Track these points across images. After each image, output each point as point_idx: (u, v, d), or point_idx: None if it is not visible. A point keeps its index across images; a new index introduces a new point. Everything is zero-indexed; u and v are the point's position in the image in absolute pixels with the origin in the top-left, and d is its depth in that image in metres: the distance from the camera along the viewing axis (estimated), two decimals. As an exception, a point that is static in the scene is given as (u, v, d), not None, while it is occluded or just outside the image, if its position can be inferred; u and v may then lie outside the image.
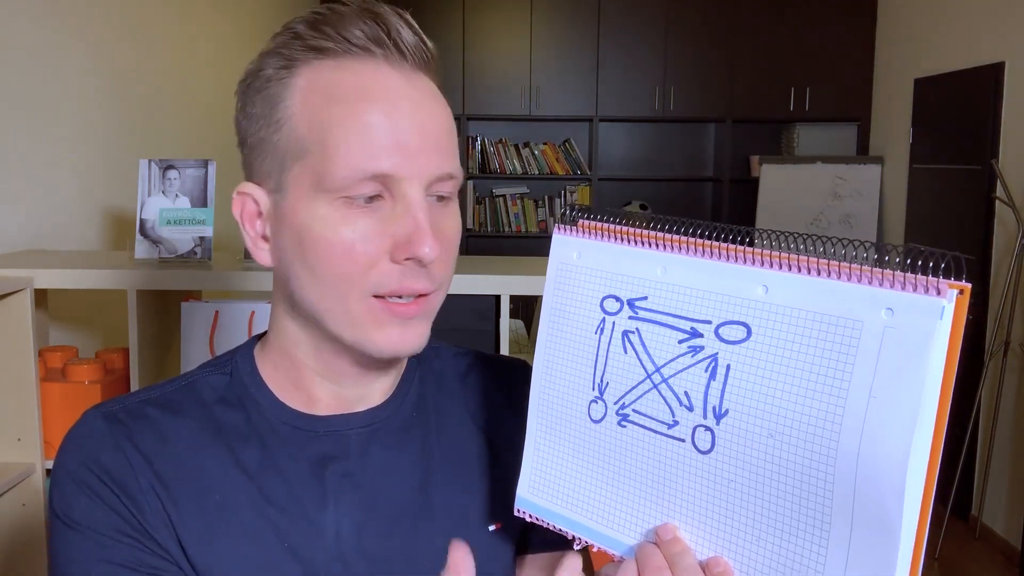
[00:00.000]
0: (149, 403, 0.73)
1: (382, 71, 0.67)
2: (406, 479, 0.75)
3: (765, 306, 0.55)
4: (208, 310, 1.73)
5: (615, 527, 0.63)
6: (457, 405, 0.81)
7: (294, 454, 0.72)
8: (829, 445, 0.52)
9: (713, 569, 0.58)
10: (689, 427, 0.58)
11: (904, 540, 0.50)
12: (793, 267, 0.55)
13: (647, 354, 0.60)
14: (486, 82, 5.07)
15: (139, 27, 2.65)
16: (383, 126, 0.65)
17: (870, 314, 0.51)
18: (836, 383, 0.52)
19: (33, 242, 2.05)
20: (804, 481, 0.54)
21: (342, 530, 0.71)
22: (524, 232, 5.39)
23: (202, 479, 0.70)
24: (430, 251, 0.65)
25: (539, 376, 0.68)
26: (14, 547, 1.66)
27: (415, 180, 0.66)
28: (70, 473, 0.69)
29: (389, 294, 0.67)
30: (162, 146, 2.79)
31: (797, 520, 0.54)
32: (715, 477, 0.58)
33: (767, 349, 0.55)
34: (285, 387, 0.75)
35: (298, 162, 0.67)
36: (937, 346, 0.49)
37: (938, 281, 0.49)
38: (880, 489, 0.50)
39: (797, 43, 4.97)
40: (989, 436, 3.72)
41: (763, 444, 0.55)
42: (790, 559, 0.55)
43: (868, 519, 0.51)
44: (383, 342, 0.68)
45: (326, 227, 0.66)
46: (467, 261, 2.19)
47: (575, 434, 0.65)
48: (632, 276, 0.62)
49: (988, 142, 3.79)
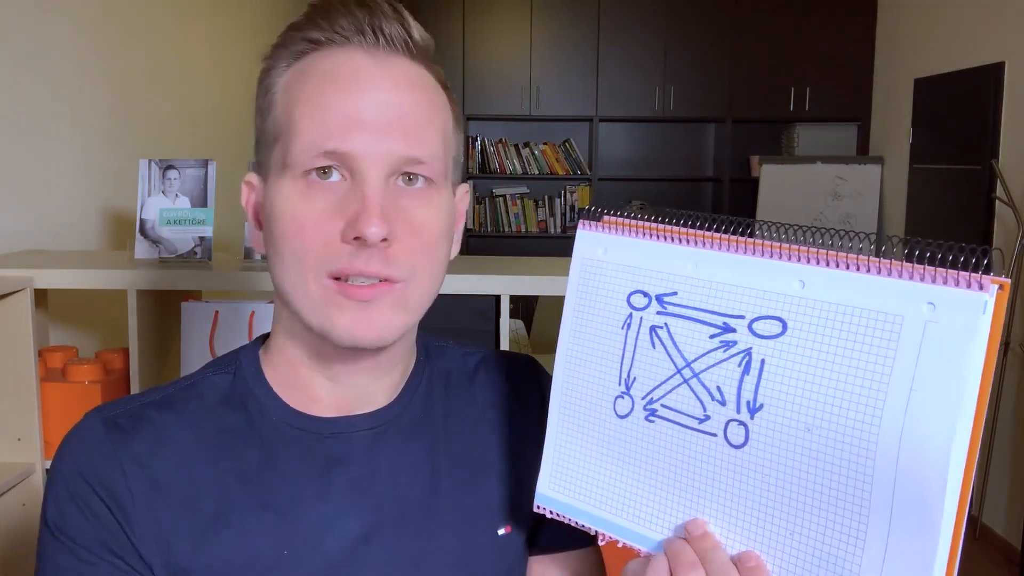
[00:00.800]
0: (150, 406, 0.72)
1: (353, 55, 0.68)
2: (414, 480, 0.74)
3: (801, 301, 0.55)
4: (208, 310, 1.73)
5: (642, 522, 0.63)
6: (465, 405, 0.80)
7: (298, 456, 0.72)
8: (869, 439, 0.52)
9: (745, 563, 0.57)
10: (721, 422, 0.58)
11: (943, 535, 0.50)
12: (831, 263, 0.55)
13: (676, 349, 0.60)
14: (486, 82, 5.07)
15: (139, 27, 2.65)
16: (340, 104, 0.66)
17: (911, 309, 0.51)
18: (877, 377, 0.52)
19: (33, 242, 2.05)
20: (842, 475, 0.53)
21: (349, 532, 0.71)
22: (524, 232, 5.39)
23: (200, 484, 0.69)
24: (376, 231, 0.64)
25: (561, 371, 0.67)
26: (14, 547, 1.66)
27: (374, 159, 0.66)
28: (64, 479, 0.69)
29: (341, 274, 0.66)
30: (162, 146, 2.78)
31: (834, 514, 0.54)
32: (749, 472, 0.57)
33: (804, 343, 0.55)
34: (287, 387, 0.74)
35: (275, 145, 0.69)
36: (979, 340, 0.49)
37: (980, 276, 0.49)
38: (921, 483, 0.50)
39: (797, 43, 4.97)
40: (989, 436, 3.72)
41: (800, 438, 0.55)
42: (825, 554, 0.55)
43: (908, 514, 0.51)
44: (343, 326, 0.67)
45: (286, 204, 0.67)
46: (467, 261, 2.19)
47: (600, 430, 0.65)
48: (661, 271, 0.62)
49: (988, 142, 3.79)
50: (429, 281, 0.70)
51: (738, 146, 5.24)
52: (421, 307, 0.71)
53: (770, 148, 5.30)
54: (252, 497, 0.70)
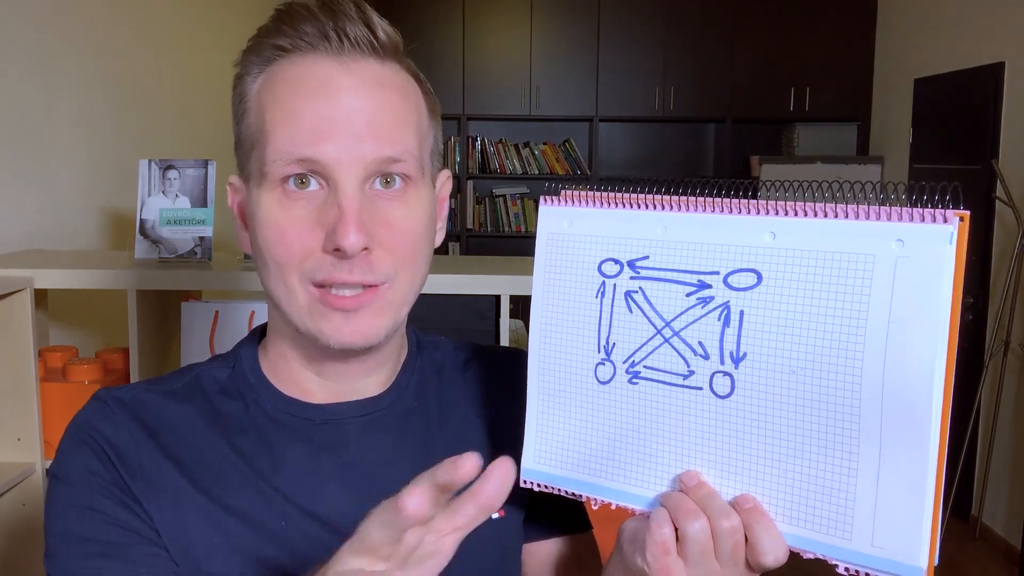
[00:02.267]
0: (153, 391, 0.75)
1: (320, 62, 0.68)
2: (407, 467, 0.74)
3: (774, 251, 0.57)
4: (208, 310, 1.73)
5: (634, 483, 0.64)
6: (458, 395, 0.81)
7: (293, 442, 0.73)
8: (853, 371, 0.54)
9: (743, 505, 0.59)
10: (706, 375, 0.60)
11: (932, 452, 0.53)
12: (799, 212, 0.57)
13: (654, 311, 0.62)
14: (486, 82, 5.07)
15: (139, 27, 2.65)
16: (308, 111, 0.67)
17: (881, 247, 0.54)
18: (855, 314, 0.54)
19: (33, 242, 2.05)
20: (830, 410, 0.56)
21: (341, 517, 0.71)
22: (524, 232, 5.39)
23: (202, 459, 0.71)
24: (354, 241, 0.65)
25: (537, 347, 0.68)
26: (14, 547, 1.66)
27: (349, 166, 0.66)
28: (72, 436, 0.71)
29: (325, 283, 0.68)
30: (162, 146, 2.78)
31: (825, 449, 0.56)
32: (737, 419, 0.59)
33: (780, 292, 0.57)
34: (282, 378, 0.76)
35: (252, 151, 0.70)
36: (948, 269, 0.52)
37: (944, 211, 0.53)
38: (909, 405, 0.53)
39: (797, 43, 4.97)
40: (989, 436, 3.72)
41: (786, 380, 0.57)
42: (820, 487, 0.57)
43: (897, 438, 0.54)
44: (330, 332, 0.68)
45: (266, 214, 0.68)
46: (467, 261, 2.19)
47: (582, 398, 0.66)
48: (631, 238, 0.63)
49: (988, 142, 3.79)
50: (412, 278, 0.72)
51: (738, 146, 5.24)
52: (407, 303, 0.73)
53: (770, 148, 5.30)
54: (252, 473, 0.71)
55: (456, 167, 5.20)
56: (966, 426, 3.69)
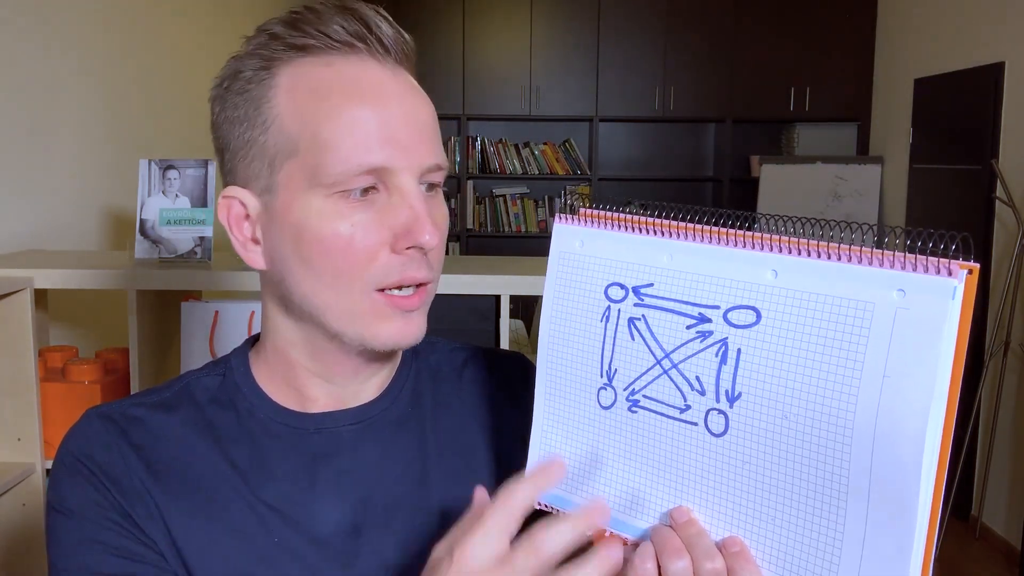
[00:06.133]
0: (143, 405, 0.75)
1: (368, 66, 0.68)
2: (403, 473, 0.75)
3: (774, 290, 0.56)
4: (208, 310, 1.73)
5: (628, 511, 0.64)
6: (454, 399, 0.81)
7: (286, 452, 0.73)
8: (844, 425, 0.52)
9: (730, 548, 0.58)
10: (702, 411, 0.59)
11: (920, 520, 0.51)
12: (802, 251, 0.55)
13: (655, 340, 0.61)
14: (486, 82, 5.07)
15: (139, 27, 2.65)
16: (375, 120, 0.66)
17: (881, 295, 0.51)
18: (850, 364, 0.52)
19: (33, 242, 2.05)
20: (820, 461, 0.54)
21: (337, 526, 0.72)
22: (524, 232, 5.39)
23: (193, 474, 0.71)
24: (431, 238, 0.67)
25: (544, 365, 0.68)
26: (14, 547, 1.66)
27: (408, 171, 0.67)
28: (65, 466, 0.71)
29: (391, 286, 0.68)
30: (162, 146, 2.79)
31: (813, 499, 0.55)
32: (729, 459, 0.58)
33: (778, 332, 0.55)
34: (279, 387, 0.76)
35: (289, 160, 0.67)
36: (949, 325, 0.49)
37: (948, 262, 0.49)
38: (897, 467, 0.51)
39: (797, 43, 4.97)
40: (989, 436, 3.72)
41: (778, 426, 0.55)
42: (806, 538, 0.55)
43: (885, 497, 0.52)
44: (386, 335, 0.69)
45: (323, 223, 0.66)
46: (467, 261, 2.18)
47: (585, 421, 0.66)
48: (637, 263, 0.62)
49: (988, 142, 3.79)
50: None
51: (738, 146, 5.25)
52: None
53: (770, 148, 5.30)
54: (244, 489, 0.71)
55: (456, 167, 5.20)
56: (966, 426, 3.69)
